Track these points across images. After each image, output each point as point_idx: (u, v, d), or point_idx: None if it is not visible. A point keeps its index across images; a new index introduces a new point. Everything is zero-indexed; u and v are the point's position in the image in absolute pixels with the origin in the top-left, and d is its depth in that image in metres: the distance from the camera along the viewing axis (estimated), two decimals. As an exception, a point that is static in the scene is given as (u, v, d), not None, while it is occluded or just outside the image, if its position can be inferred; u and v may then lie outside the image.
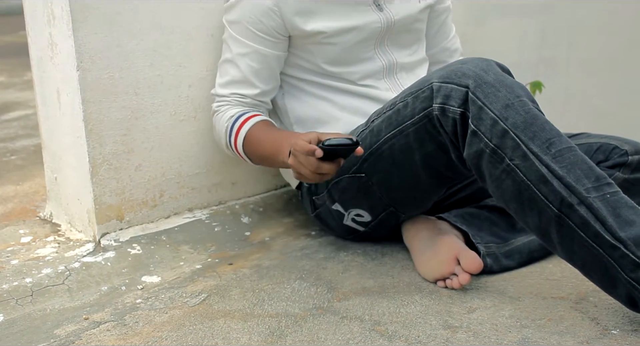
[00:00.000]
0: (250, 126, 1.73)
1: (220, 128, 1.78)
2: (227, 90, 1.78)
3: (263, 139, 1.71)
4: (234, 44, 1.75)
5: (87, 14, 1.66)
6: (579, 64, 3.13)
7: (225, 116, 1.77)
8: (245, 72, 1.75)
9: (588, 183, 1.35)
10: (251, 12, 1.70)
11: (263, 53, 1.74)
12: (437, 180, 1.62)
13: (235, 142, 1.75)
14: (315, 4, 1.71)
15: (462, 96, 1.43)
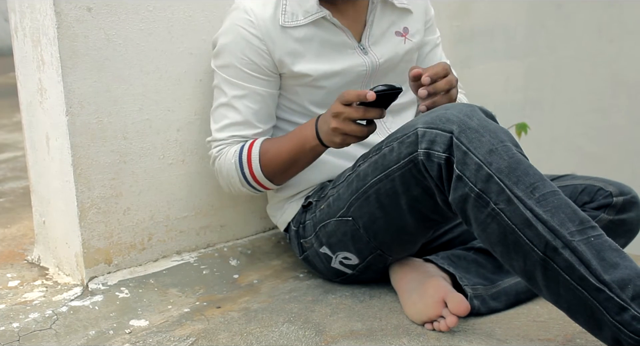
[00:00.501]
0: (259, 146, 1.74)
1: (228, 168, 1.77)
2: (225, 134, 1.77)
3: (280, 144, 1.72)
4: (228, 87, 1.76)
5: (76, 60, 1.68)
6: (563, 105, 3.17)
7: (229, 156, 1.76)
8: (244, 114, 1.76)
9: (572, 226, 1.36)
10: (242, 53, 1.72)
11: (259, 93, 1.75)
12: (423, 223, 1.63)
13: (250, 169, 1.74)
14: (302, 46, 1.74)
15: (447, 141, 1.45)
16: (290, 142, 1.70)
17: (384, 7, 1.83)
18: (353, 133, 1.57)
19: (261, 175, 1.74)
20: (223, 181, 1.81)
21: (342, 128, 1.56)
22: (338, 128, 1.57)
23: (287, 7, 1.73)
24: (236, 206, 2.03)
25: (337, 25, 1.76)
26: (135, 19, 1.76)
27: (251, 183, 1.76)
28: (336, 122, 1.56)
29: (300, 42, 1.74)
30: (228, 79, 1.75)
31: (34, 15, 1.72)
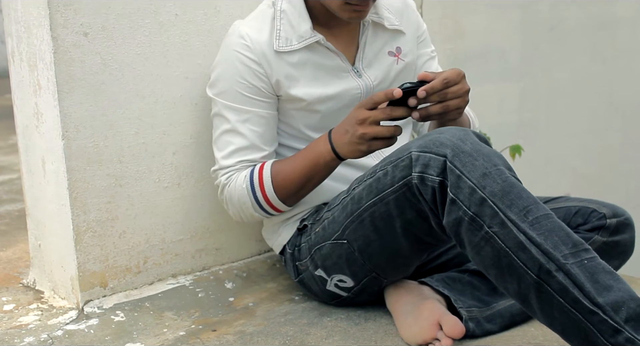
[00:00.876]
0: (269, 169, 1.74)
1: (240, 194, 1.75)
2: (232, 160, 1.77)
3: (292, 165, 1.72)
4: (230, 113, 1.76)
5: (72, 85, 1.69)
6: (558, 126, 3.18)
7: (239, 180, 1.75)
8: (250, 138, 1.76)
9: (565, 249, 1.37)
10: (241, 77, 1.73)
11: (262, 115, 1.76)
12: (418, 246, 1.64)
13: (263, 192, 1.74)
14: (296, 70, 1.75)
15: (441, 165, 1.46)
16: (303, 161, 1.71)
17: (375, 29, 1.84)
18: (381, 135, 1.59)
19: (274, 197, 1.74)
20: (233, 208, 1.80)
21: (370, 132, 1.59)
22: (366, 134, 1.59)
23: (281, 32, 1.74)
24: (232, 229, 2.04)
25: (331, 49, 1.77)
26: (131, 43, 1.77)
27: (264, 207, 1.76)
28: (363, 127, 1.59)
29: (295, 66, 1.75)
30: (229, 105, 1.75)
31: (31, 40, 1.73)
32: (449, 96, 1.57)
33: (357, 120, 1.59)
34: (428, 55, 1.97)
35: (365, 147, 1.61)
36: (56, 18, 1.65)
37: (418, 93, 1.54)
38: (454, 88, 1.57)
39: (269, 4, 1.80)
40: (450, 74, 1.57)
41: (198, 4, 1.88)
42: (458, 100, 1.59)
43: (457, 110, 1.60)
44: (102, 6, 1.72)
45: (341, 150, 1.65)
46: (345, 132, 1.63)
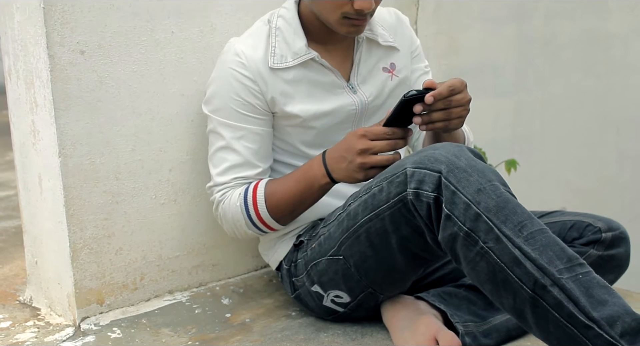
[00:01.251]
0: (263, 188, 1.75)
1: (234, 211, 1.76)
2: (227, 177, 1.77)
3: (286, 186, 1.73)
4: (225, 130, 1.76)
5: (69, 102, 1.70)
6: (552, 141, 3.20)
7: (233, 198, 1.76)
8: (245, 155, 1.76)
9: (560, 264, 1.37)
10: (236, 95, 1.74)
11: (257, 132, 1.77)
12: (413, 261, 1.64)
13: (256, 211, 1.75)
14: (291, 87, 1.76)
15: (435, 181, 1.47)
16: (297, 183, 1.72)
17: (369, 45, 1.85)
18: (381, 164, 1.61)
19: (268, 217, 1.75)
20: (227, 225, 1.81)
21: (369, 162, 1.61)
22: (365, 163, 1.61)
23: (276, 49, 1.75)
24: (228, 245, 2.04)
25: (326, 66, 1.78)
26: (128, 61, 1.78)
27: (257, 225, 1.77)
28: (363, 157, 1.61)
29: (290, 83, 1.76)
30: (224, 122, 1.76)
31: (28, 58, 1.74)
32: (452, 104, 1.58)
33: (357, 150, 1.61)
34: (422, 70, 1.98)
35: (362, 175, 1.63)
36: (53, 36, 1.66)
37: (426, 99, 1.54)
38: (457, 97, 1.59)
39: (265, 21, 1.81)
40: (455, 82, 1.58)
41: (194, 22, 1.89)
42: (460, 108, 1.60)
43: (459, 118, 1.61)
44: (99, 24, 1.73)
45: (337, 175, 1.67)
46: (342, 158, 1.65)
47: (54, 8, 1.66)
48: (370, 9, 1.65)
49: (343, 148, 1.66)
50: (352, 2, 1.64)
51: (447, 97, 1.57)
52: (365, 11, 1.65)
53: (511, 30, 2.92)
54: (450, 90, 1.56)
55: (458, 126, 1.63)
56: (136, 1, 1.78)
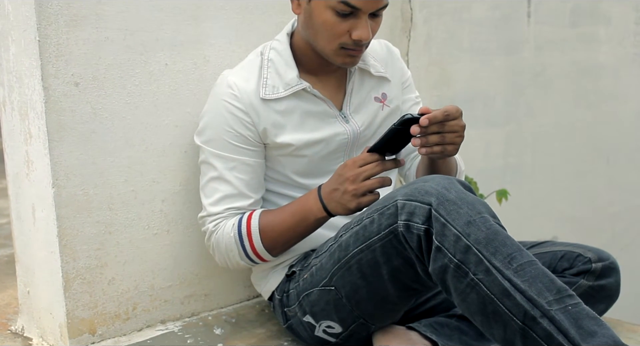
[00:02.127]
0: (257, 219, 1.76)
1: (227, 242, 1.77)
2: (220, 207, 1.78)
3: (281, 219, 1.75)
4: (217, 161, 1.78)
5: (63, 134, 1.72)
6: (543, 170, 3.21)
7: (227, 229, 1.77)
8: (237, 185, 1.78)
9: (550, 296, 1.38)
10: (228, 126, 1.75)
11: (248, 163, 1.78)
12: (405, 292, 1.65)
13: (251, 242, 1.76)
14: (283, 117, 1.78)
15: (426, 213, 1.48)
16: (292, 217, 1.74)
17: (362, 75, 1.87)
18: (373, 187, 1.63)
19: (262, 248, 1.76)
20: (220, 255, 1.82)
21: (361, 188, 1.63)
22: (358, 189, 1.63)
23: (268, 80, 1.77)
24: (220, 275, 2.05)
25: (318, 96, 1.80)
26: (121, 93, 1.80)
27: (250, 256, 1.78)
28: (354, 184, 1.63)
29: (282, 113, 1.77)
30: (216, 153, 1.77)
31: (22, 90, 1.76)
32: (446, 129, 1.59)
33: (347, 178, 1.63)
34: (413, 101, 2.00)
35: (355, 203, 1.64)
36: (47, 68, 1.68)
37: (421, 121, 1.54)
38: (452, 122, 1.59)
39: (257, 53, 1.83)
40: (450, 108, 1.59)
41: (187, 54, 1.91)
42: (454, 134, 1.61)
43: (453, 145, 1.62)
44: (93, 56, 1.74)
45: (332, 208, 1.68)
46: (335, 190, 1.67)
47: (49, 40, 1.68)
48: (368, 39, 1.68)
49: (334, 179, 1.68)
50: (350, 32, 1.67)
51: (442, 122, 1.58)
52: (363, 41, 1.68)
53: (502, 61, 2.95)
54: (445, 115, 1.57)
55: (453, 153, 1.64)
56: (130, 34, 1.80)
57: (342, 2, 1.63)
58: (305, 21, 1.72)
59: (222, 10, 1.97)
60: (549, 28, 3.11)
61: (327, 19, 1.67)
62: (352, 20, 1.66)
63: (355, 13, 1.65)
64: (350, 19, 1.66)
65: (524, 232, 2.63)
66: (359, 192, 1.63)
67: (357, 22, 1.66)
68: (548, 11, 3.10)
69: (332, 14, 1.66)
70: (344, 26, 1.67)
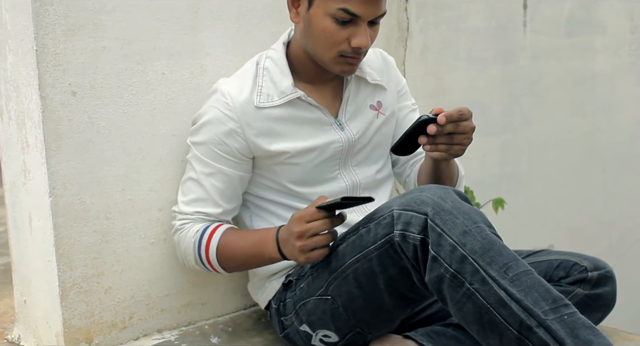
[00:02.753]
0: (220, 235, 1.77)
1: (187, 245, 1.81)
2: (191, 208, 1.81)
3: (240, 245, 1.76)
4: (198, 163, 1.80)
5: (60, 143, 1.72)
6: (540, 179, 3.22)
7: (191, 232, 1.80)
8: (210, 192, 1.80)
9: (545, 305, 1.39)
10: (215, 134, 1.76)
11: (227, 173, 1.79)
12: (401, 301, 1.65)
13: (207, 254, 1.78)
14: (278, 125, 1.78)
15: (422, 223, 1.49)
16: (251, 248, 1.74)
17: (358, 83, 1.88)
18: (321, 244, 1.60)
19: (216, 263, 1.79)
20: (179, 253, 1.86)
21: (308, 244, 1.60)
22: (305, 246, 1.60)
23: (262, 88, 1.78)
24: (217, 284, 2.05)
25: (313, 104, 1.81)
26: (119, 102, 1.80)
27: (205, 265, 1.81)
28: (301, 240, 1.60)
29: (276, 121, 1.78)
30: (199, 156, 1.79)
31: (20, 99, 1.76)
32: (459, 129, 1.61)
33: (295, 233, 1.60)
34: (409, 108, 2.01)
35: (304, 258, 1.62)
36: (45, 78, 1.68)
37: (438, 119, 1.57)
38: (464, 123, 1.62)
39: (253, 62, 1.84)
40: (463, 108, 1.62)
41: (185, 64, 1.92)
42: (464, 135, 1.63)
43: (461, 146, 1.64)
44: (90, 66, 1.75)
45: (286, 254, 1.67)
46: (286, 241, 1.66)
47: (46, 50, 1.68)
48: (367, 47, 1.69)
49: (286, 230, 1.66)
50: (349, 40, 1.68)
51: (457, 121, 1.60)
52: (363, 49, 1.69)
53: (498, 70, 2.96)
54: (459, 114, 1.60)
55: (459, 153, 1.66)
56: (127, 43, 1.81)
57: (342, 10, 1.64)
58: (304, 29, 1.73)
59: (219, 19, 1.98)
60: (544, 37, 3.12)
61: (327, 26, 1.68)
62: (351, 27, 1.67)
63: (355, 21, 1.66)
64: (349, 27, 1.67)
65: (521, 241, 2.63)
66: (306, 248, 1.60)
67: (357, 30, 1.67)
68: (544, 20, 3.12)
69: (332, 21, 1.67)
70: (343, 34, 1.68)
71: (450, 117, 1.58)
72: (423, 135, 1.61)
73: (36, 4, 1.66)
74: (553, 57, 3.18)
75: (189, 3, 1.91)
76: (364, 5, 1.64)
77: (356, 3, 1.64)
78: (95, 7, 1.75)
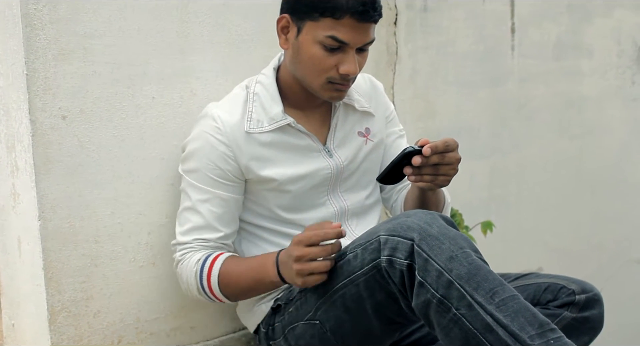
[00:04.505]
0: (220, 264, 1.76)
1: (188, 275, 1.79)
2: (189, 237, 1.80)
3: (241, 271, 1.75)
4: (193, 191, 1.79)
5: (50, 166, 1.72)
6: (528, 201, 3.23)
7: (191, 262, 1.78)
8: (208, 218, 1.79)
9: (532, 330, 1.40)
10: (208, 159, 1.77)
11: (223, 197, 1.79)
12: (389, 326, 1.66)
13: (209, 284, 1.77)
14: (267, 151, 1.79)
15: (408, 249, 1.49)
16: (251, 273, 1.74)
17: (346, 109, 1.89)
18: (318, 270, 1.60)
19: (218, 292, 1.78)
20: (182, 284, 1.84)
21: (306, 269, 1.60)
22: (302, 270, 1.60)
23: (252, 114, 1.79)
24: (206, 307, 2.05)
25: (302, 131, 1.82)
26: (108, 126, 1.81)
27: (208, 295, 1.79)
28: (299, 264, 1.60)
29: (266, 147, 1.79)
30: (193, 183, 1.79)
31: (10, 123, 1.77)
32: (445, 160, 1.62)
33: (294, 257, 1.61)
34: (397, 134, 2.02)
35: (301, 281, 1.62)
36: (35, 102, 1.69)
37: (424, 151, 1.58)
38: (450, 154, 1.63)
39: (243, 87, 1.85)
40: (449, 139, 1.63)
41: (175, 88, 1.93)
42: (449, 166, 1.64)
43: (446, 176, 1.65)
44: (81, 90, 1.76)
45: (285, 277, 1.68)
46: (285, 264, 1.66)
47: (36, 74, 1.69)
48: (355, 74, 1.70)
49: (286, 253, 1.66)
50: (337, 67, 1.69)
51: (442, 152, 1.61)
52: (351, 75, 1.70)
53: (486, 94, 2.98)
54: (445, 146, 1.61)
55: (444, 184, 1.67)
56: (117, 68, 1.82)
57: (330, 37, 1.66)
58: (293, 56, 1.75)
59: (209, 43, 1.99)
60: (532, 61, 3.15)
61: (315, 53, 1.69)
62: (339, 54, 1.69)
63: (343, 48, 1.68)
64: (338, 54, 1.69)
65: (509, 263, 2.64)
66: (304, 272, 1.61)
67: (345, 57, 1.69)
68: (532, 45, 3.14)
69: (320, 48, 1.68)
70: (331, 61, 1.69)
71: (436, 148, 1.59)
72: (408, 165, 1.62)
73: (27, 29, 1.67)
74: (541, 80, 3.20)
75: (179, 28, 1.93)
76: (352, 33, 1.66)
77: (344, 31, 1.65)
78: (85, 31, 1.76)
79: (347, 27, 1.65)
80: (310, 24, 1.68)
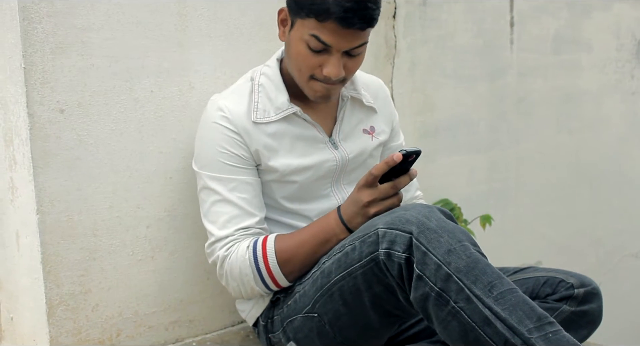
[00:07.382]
0: (273, 244, 1.74)
1: (241, 266, 1.74)
2: (229, 230, 1.76)
3: (299, 242, 1.74)
4: (216, 184, 1.76)
5: (48, 160, 1.72)
6: (527, 195, 3.23)
7: (240, 252, 1.74)
8: (241, 205, 1.76)
9: (530, 323, 1.40)
10: (222, 148, 1.75)
11: (248, 182, 1.77)
12: (387, 319, 1.66)
13: (267, 266, 1.73)
14: (274, 141, 1.79)
15: (407, 242, 1.49)
16: (312, 239, 1.73)
17: (353, 104, 1.89)
18: (392, 206, 1.67)
19: (278, 270, 1.73)
20: (234, 282, 1.78)
21: (382, 209, 1.66)
22: (379, 211, 1.66)
23: (259, 104, 1.78)
24: (205, 301, 2.05)
25: (308, 121, 1.82)
26: (106, 119, 1.81)
27: (266, 281, 1.75)
28: (374, 207, 1.66)
29: (273, 137, 1.78)
30: (214, 176, 1.77)
31: (7, 117, 1.76)
32: None
33: (364, 203, 1.66)
34: (397, 148, 2.04)
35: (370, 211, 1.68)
36: (33, 95, 1.69)
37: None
38: None
39: (247, 78, 1.84)
40: None
41: (173, 81, 1.92)
42: None
43: None
44: (79, 83, 1.76)
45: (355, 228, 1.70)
46: (356, 214, 1.68)
47: (34, 68, 1.69)
48: (337, 77, 1.69)
49: (351, 203, 1.70)
50: (321, 67, 1.69)
51: None
52: (333, 78, 1.69)
53: (485, 87, 2.97)
54: None
55: None
56: (116, 61, 1.81)
57: (313, 36, 1.65)
58: (286, 49, 1.75)
59: (207, 37, 1.99)
60: (531, 55, 3.14)
61: (301, 51, 1.69)
62: (324, 55, 1.68)
63: (328, 49, 1.67)
64: (323, 55, 1.68)
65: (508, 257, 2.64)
66: (381, 212, 1.66)
67: (329, 59, 1.68)
68: (530, 39, 3.14)
69: (305, 47, 1.68)
70: (315, 61, 1.69)
71: None
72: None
73: (24, 22, 1.67)
74: (540, 74, 3.20)
75: (178, 21, 1.92)
76: (335, 37, 1.64)
77: (328, 34, 1.64)
78: (83, 25, 1.75)
79: (330, 30, 1.63)
80: (300, 21, 1.67)
